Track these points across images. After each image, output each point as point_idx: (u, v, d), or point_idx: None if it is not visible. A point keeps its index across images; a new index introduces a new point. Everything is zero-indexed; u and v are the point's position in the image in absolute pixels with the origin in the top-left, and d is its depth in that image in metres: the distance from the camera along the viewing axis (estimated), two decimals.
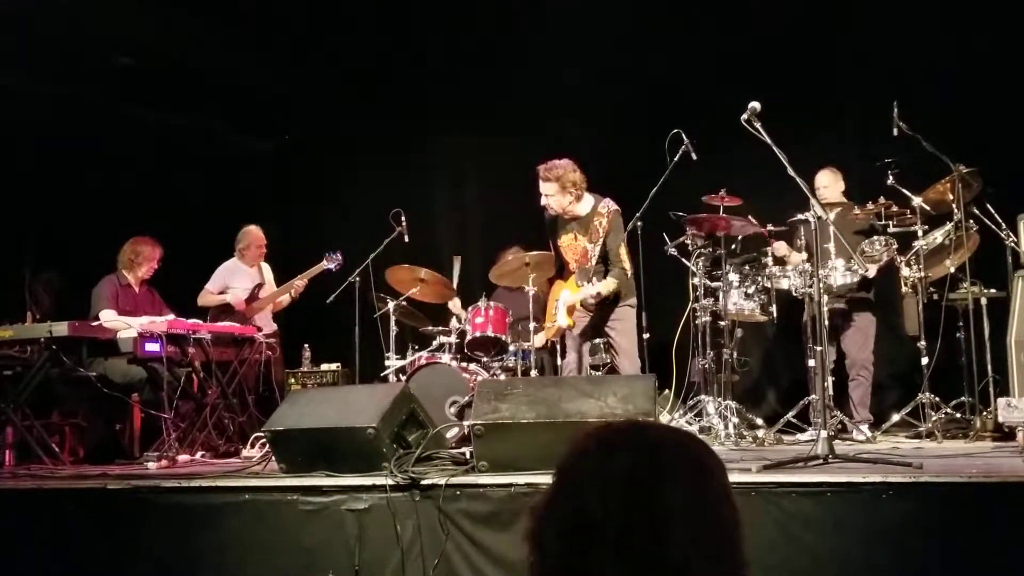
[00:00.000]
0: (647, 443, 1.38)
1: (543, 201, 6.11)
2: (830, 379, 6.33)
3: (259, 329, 7.53)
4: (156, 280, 7.37)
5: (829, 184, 7.02)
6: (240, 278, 7.93)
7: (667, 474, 1.35)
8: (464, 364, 7.03)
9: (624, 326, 6.17)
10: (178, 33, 8.44)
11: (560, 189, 6.02)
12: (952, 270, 6.52)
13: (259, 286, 7.97)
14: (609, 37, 8.39)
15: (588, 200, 6.12)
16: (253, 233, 8.04)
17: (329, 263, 7.74)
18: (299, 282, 7.89)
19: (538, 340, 6.89)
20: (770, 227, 6.85)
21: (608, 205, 6.06)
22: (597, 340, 6.43)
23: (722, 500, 1.39)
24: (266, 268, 8.15)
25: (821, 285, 5.25)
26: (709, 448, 1.44)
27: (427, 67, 9.18)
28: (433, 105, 9.35)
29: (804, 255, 6.92)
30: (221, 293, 7.83)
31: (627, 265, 6.09)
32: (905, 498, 3.79)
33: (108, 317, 6.68)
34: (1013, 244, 6.26)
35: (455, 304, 7.97)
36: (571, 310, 6.16)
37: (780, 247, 6.92)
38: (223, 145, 9.62)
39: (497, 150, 8.91)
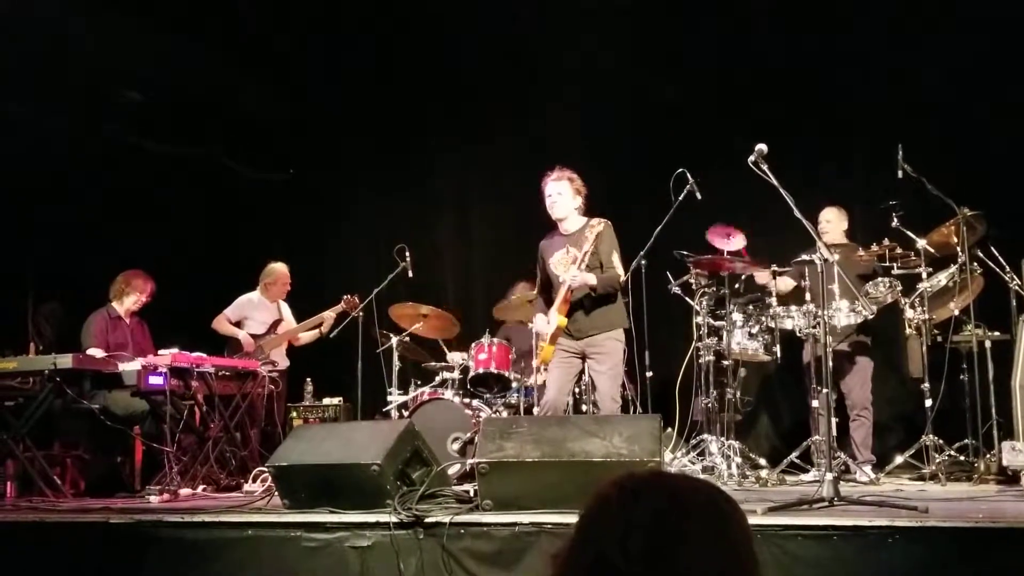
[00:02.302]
0: (669, 492, 1.39)
1: (550, 200, 5.97)
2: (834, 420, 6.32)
3: (274, 364, 7.57)
4: (155, 310, 7.37)
5: (833, 220, 7.02)
6: (260, 312, 8.03)
7: (688, 523, 1.36)
8: (467, 400, 7.02)
9: (607, 361, 5.81)
10: (181, 65, 8.48)
11: (571, 190, 5.95)
12: (956, 312, 6.53)
13: (277, 322, 8.05)
14: (611, 72, 8.46)
15: (581, 219, 6.03)
16: (280, 270, 8.13)
17: (348, 307, 7.74)
18: (329, 314, 7.90)
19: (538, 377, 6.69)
20: (774, 267, 6.86)
21: (599, 220, 5.92)
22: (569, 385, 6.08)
23: (742, 549, 1.39)
24: (284, 306, 8.22)
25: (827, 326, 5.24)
26: (730, 497, 1.44)
27: (430, 99, 9.23)
28: (435, 139, 9.41)
29: (792, 283, 6.96)
30: (237, 324, 7.88)
31: (620, 271, 5.89)
32: (911, 542, 3.77)
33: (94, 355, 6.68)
34: (1018, 287, 6.28)
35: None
36: (562, 307, 5.79)
37: (761, 276, 6.91)
38: (226, 177, 9.64)
39: (500, 186, 8.95)
